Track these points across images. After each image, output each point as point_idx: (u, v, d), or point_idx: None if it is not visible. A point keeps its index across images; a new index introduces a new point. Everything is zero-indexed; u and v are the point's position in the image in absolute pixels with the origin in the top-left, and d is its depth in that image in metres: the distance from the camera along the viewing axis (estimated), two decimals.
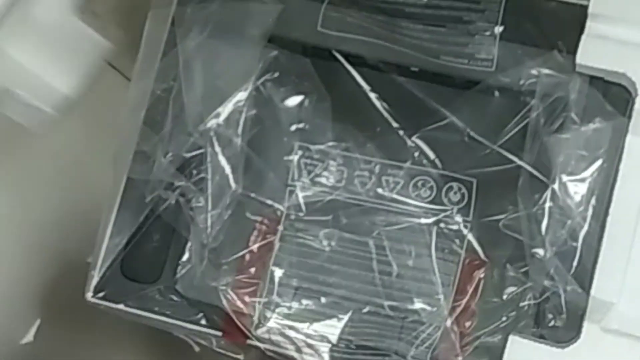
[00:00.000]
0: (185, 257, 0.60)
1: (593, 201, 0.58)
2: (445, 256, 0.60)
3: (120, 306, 0.61)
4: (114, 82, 0.77)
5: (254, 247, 0.60)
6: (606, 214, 0.58)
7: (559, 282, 0.57)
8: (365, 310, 0.59)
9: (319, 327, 0.59)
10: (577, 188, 0.58)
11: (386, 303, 0.59)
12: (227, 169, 0.60)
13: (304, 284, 0.60)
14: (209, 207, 0.60)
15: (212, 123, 0.61)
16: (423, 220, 0.60)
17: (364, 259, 0.60)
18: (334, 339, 0.59)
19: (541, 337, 0.57)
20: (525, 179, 0.59)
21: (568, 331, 0.57)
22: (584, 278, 0.57)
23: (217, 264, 0.59)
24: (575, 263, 0.57)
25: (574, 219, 0.58)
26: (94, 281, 0.61)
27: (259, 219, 0.60)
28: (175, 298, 0.60)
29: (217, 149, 0.60)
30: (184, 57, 0.62)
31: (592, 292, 0.57)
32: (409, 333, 0.58)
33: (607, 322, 0.56)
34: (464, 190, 0.60)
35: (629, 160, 0.57)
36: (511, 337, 0.57)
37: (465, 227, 0.60)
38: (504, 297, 0.58)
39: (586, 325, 0.56)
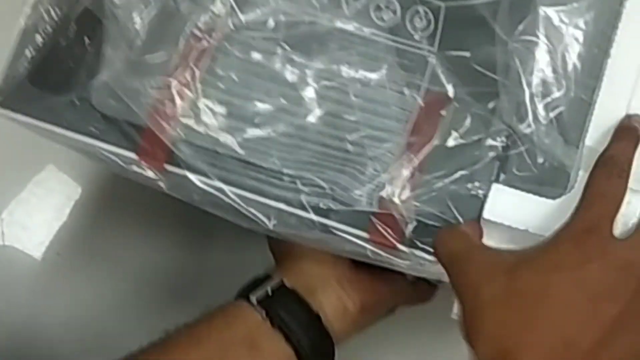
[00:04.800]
0: (104, 66, 0.52)
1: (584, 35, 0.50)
2: (403, 89, 0.51)
3: (26, 118, 0.52)
4: None
5: (185, 51, 0.52)
6: (605, 55, 0.50)
7: (539, 128, 0.49)
8: (301, 134, 0.51)
9: (247, 148, 0.51)
10: (564, 17, 0.50)
11: (327, 130, 0.51)
12: None
13: (237, 100, 0.51)
14: None
15: None
16: (381, 47, 0.52)
17: (308, 83, 0.51)
18: (262, 162, 0.51)
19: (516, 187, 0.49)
20: (505, 5, 0.51)
21: (556, 181, 0.49)
22: (571, 126, 0.50)
23: (141, 62, 0.51)
24: (562, 109, 0.50)
25: (560, 54, 0.50)
26: None
27: (195, 20, 0.52)
28: (88, 112, 0.52)
29: None
30: None
31: (587, 141, 0.49)
32: (355, 167, 0.50)
33: None
34: (430, 15, 0.52)
35: None
36: (495, 186, 0.49)
37: (429, 57, 0.52)
38: (469, 138, 0.50)
39: (581, 175, 0.49)
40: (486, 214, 0.49)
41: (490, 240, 0.49)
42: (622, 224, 0.47)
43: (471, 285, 0.46)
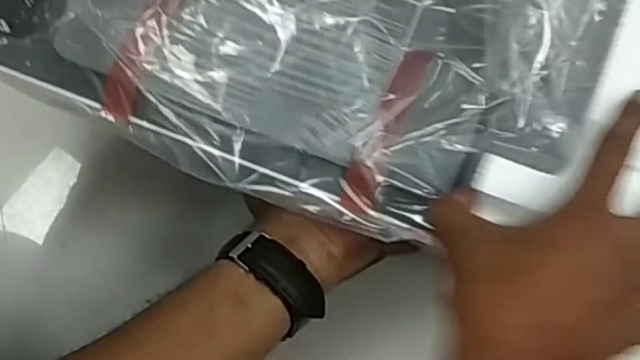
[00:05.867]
0: (68, 8, 0.48)
1: None
2: (387, 37, 0.48)
3: None
4: None
5: None
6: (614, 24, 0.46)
7: (524, 90, 0.46)
8: (275, 80, 0.48)
9: (215, 97, 0.48)
10: None
11: (302, 76, 0.48)
12: None
13: (207, 42, 0.48)
14: None
15: None
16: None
17: (285, 25, 0.48)
18: (231, 117, 0.48)
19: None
20: None
21: (552, 154, 0.46)
22: (567, 93, 0.46)
23: (107, 5, 0.48)
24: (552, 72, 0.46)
25: (554, 14, 0.46)
26: None
27: None
28: (51, 57, 0.49)
29: None
30: None
31: (594, 115, 0.46)
32: (327, 118, 0.48)
33: None
34: None
35: None
36: (491, 157, 0.46)
37: (416, 7, 0.48)
38: (451, 97, 0.47)
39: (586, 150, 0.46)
40: (479, 185, 0.46)
41: (485, 213, 0.46)
42: (622, 202, 0.44)
43: (462, 257, 0.44)
